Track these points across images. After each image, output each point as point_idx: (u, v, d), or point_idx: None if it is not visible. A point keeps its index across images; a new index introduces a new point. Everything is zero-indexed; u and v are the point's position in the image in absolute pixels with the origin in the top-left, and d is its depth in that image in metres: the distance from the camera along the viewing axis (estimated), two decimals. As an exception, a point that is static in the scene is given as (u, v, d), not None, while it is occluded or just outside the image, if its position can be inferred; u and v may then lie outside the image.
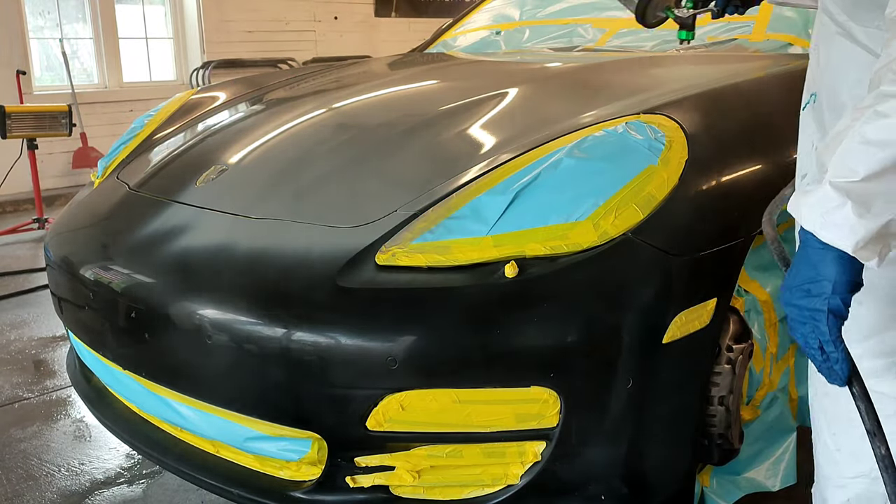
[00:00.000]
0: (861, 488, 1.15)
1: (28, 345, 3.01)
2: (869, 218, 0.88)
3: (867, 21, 1.05)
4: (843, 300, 0.93)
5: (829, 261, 0.92)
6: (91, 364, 1.88)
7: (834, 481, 1.23)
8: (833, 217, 0.89)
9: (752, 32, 2.24)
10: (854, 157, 0.89)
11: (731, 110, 1.69)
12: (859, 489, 1.16)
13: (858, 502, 1.18)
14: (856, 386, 0.97)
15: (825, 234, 0.91)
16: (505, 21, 2.94)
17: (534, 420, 1.34)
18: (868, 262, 0.91)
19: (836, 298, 0.92)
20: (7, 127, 4.50)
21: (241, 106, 2.37)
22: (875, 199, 0.88)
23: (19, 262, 4.19)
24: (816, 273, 0.93)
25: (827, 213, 0.90)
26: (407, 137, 1.78)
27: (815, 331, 0.94)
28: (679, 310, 1.36)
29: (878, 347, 1.12)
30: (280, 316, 1.37)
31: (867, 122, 0.89)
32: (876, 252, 0.90)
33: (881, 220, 0.88)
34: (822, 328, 0.93)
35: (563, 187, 1.40)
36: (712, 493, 1.66)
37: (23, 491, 2.00)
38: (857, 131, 0.90)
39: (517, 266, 1.32)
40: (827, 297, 0.93)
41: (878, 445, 0.97)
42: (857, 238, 0.89)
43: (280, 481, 1.51)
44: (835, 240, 0.90)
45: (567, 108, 1.76)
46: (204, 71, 6.97)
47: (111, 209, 1.91)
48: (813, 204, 0.92)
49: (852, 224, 0.88)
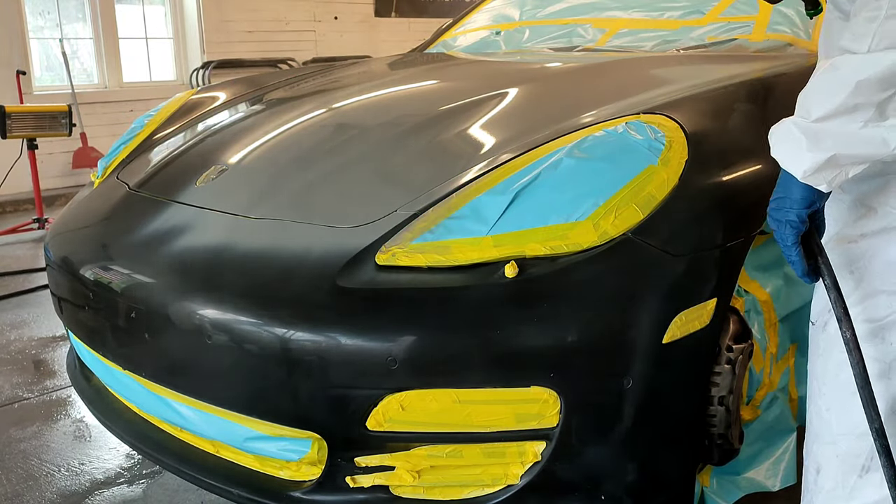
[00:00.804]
0: (849, 444, 1.26)
1: (28, 345, 3.01)
2: (816, 151, 1.07)
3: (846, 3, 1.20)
4: (798, 215, 1.14)
5: (792, 182, 1.12)
6: (91, 364, 1.88)
7: (823, 438, 1.31)
8: (790, 148, 1.11)
9: (752, 32, 2.24)
10: (811, 101, 1.09)
11: (731, 110, 1.68)
12: (847, 445, 1.26)
13: (847, 458, 1.27)
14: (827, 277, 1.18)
15: (784, 162, 1.12)
16: (505, 21, 2.94)
17: (534, 420, 1.34)
18: (818, 186, 1.10)
19: (793, 212, 1.14)
20: (7, 127, 4.50)
21: (241, 106, 2.37)
22: (823, 136, 1.07)
23: (19, 262, 4.19)
24: (785, 191, 1.15)
25: (787, 146, 1.11)
26: (407, 137, 1.78)
27: (781, 237, 1.18)
28: (679, 310, 1.36)
29: (865, 314, 1.24)
30: (280, 316, 1.37)
31: (824, 73, 1.08)
32: (824, 179, 1.09)
33: (826, 153, 1.07)
34: (782, 235, 1.17)
35: (563, 187, 1.40)
36: (712, 493, 1.66)
37: (23, 491, 2.00)
38: (816, 78, 1.10)
39: (517, 266, 1.32)
40: (786, 211, 1.15)
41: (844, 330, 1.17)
42: (804, 167, 1.08)
43: (280, 481, 1.51)
44: (790, 167, 1.11)
45: (567, 108, 1.76)
46: (204, 71, 6.97)
47: (111, 209, 1.91)
48: (779, 137, 1.13)
49: (803, 155, 1.08)
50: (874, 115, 1.05)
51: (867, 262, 1.23)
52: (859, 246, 1.24)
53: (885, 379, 1.24)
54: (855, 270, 1.25)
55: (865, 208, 1.23)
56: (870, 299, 1.24)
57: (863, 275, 1.24)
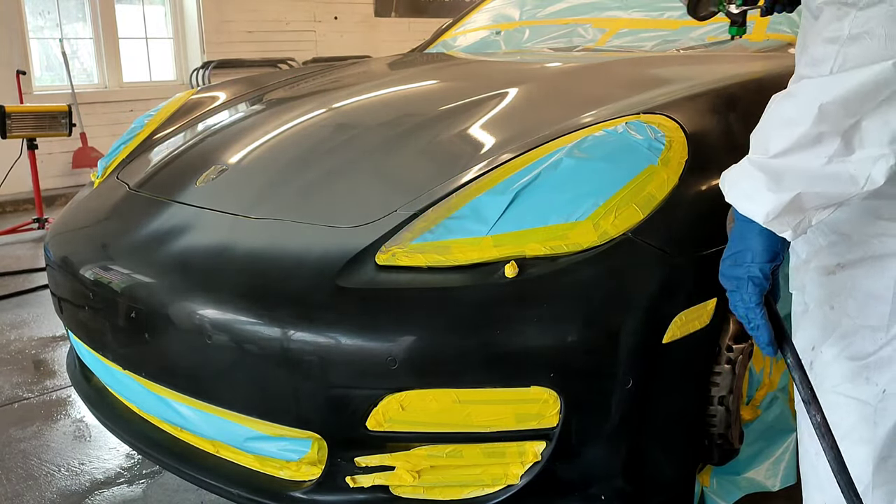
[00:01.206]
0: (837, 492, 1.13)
1: (28, 345, 3.01)
2: (778, 192, 0.94)
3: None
4: (762, 270, 0.99)
5: (752, 233, 0.99)
6: (91, 364, 1.88)
7: (813, 483, 1.24)
8: (748, 190, 0.98)
9: (751, 32, 2.24)
10: (767, 134, 0.97)
11: (731, 110, 1.68)
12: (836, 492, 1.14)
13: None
14: (789, 356, 1.04)
15: (742, 206, 0.99)
16: (505, 21, 2.94)
17: (534, 420, 1.34)
18: (782, 233, 0.96)
19: (755, 267, 1.00)
20: (7, 127, 4.50)
21: (241, 106, 2.37)
22: (785, 174, 0.94)
23: (19, 262, 4.19)
24: (742, 244, 1.01)
25: (743, 187, 0.99)
26: (407, 137, 1.78)
27: (741, 299, 1.02)
28: (679, 310, 1.36)
29: (848, 351, 1.13)
30: (280, 316, 1.37)
31: (781, 101, 0.97)
32: (789, 225, 0.96)
33: (790, 193, 0.94)
34: (744, 295, 1.01)
35: (563, 187, 1.40)
36: (712, 493, 1.66)
37: (23, 491, 2.00)
38: (773, 109, 0.98)
39: (517, 266, 1.32)
40: (748, 266, 1.00)
41: (813, 413, 1.03)
42: (766, 209, 0.95)
43: (280, 481, 1.51)
44: (749, 211, 0.97)
45: (567, 108, 1.76)
46: (204, 71, 6.97)
47: (111, 209, 1.91)
48: (734, 178, 1.01)
49: (763, 197, 0.95)
50: (840, 147, 0.92)
51: (847, 296, 1.13)
52: (838, 278, 1.13)
53: (871, 424, 1.14)
54: (836, 305, 1.15)
55: (838, 235, 1.12)
56: (852, 335, 1.14)
57: (844, 309, 1.13)
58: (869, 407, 1.14)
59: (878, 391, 1.13)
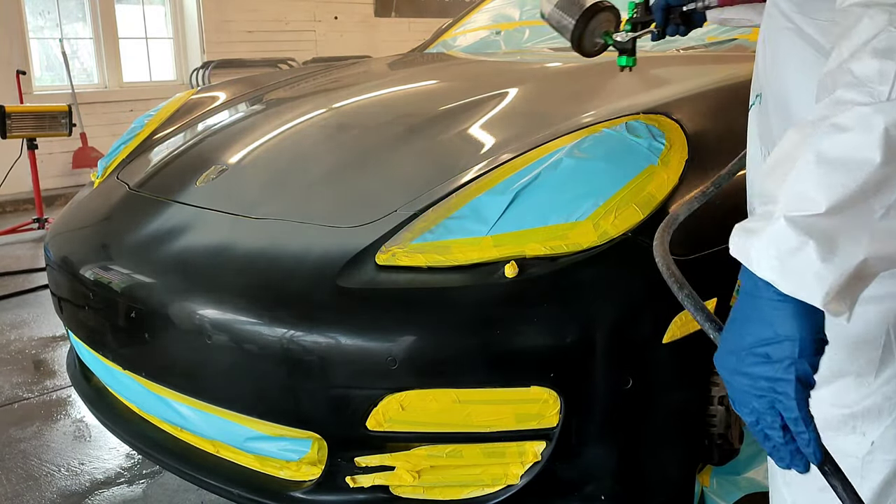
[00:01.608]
0: None
1: (28, 345, 3.01)
2: (836, 262, 0.68)
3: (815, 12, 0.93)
4: (812, 364, 0.72)
5: (788, 315, 0.71)
6: (91, 364, 1.88)
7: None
8: (793, 262, 0.69)
9: (752, 32, 2.24)
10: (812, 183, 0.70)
11: (731, 110, 1.68)
12: None
13: None
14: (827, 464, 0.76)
15: (786, 285, 0.70)
16: (505, 21, 2.94)
17: (534, 420, 1.34)
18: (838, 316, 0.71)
19: (804, 363, 0.72)
20: (7, 127, 4.50)
21: (241, 106, 2.37)
22: (841, 236, 0.69)
23: (19, 262, 4.19)
24: (774, 332, 0.72)
25: (785, 258, 0.70)
26: (407, 137, 1.78)
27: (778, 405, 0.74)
28: (679, 310, 1.36)
29: (835, 397, 0.98)
30: (280, 316, 1.37)
31: (824, 137, 0.71)
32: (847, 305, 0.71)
33: (853, 261, 0.69)
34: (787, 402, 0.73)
35: (563, 187, 1.40)
36: (712, 493, 1.66)
37: (23, 491, 2.00)
38: (811, 150, 0.71)
39: (517, 266, 1.32)
40: (793, 363, 0.72)
41: None
42: (826, 288, 0.68)
43: (280, 481, 1.51)
44: (798, 291, 0.70)
45: (567, 108, 1.76)
46: (204, 71, 6.97)
47: (111, 209, 1.91)
48: (765, 246, 0.71)
49: (817, 270, 0.68)
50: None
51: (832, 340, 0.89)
52: None
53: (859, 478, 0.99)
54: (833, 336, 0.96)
55: None
56: (839, 380, 0.99)
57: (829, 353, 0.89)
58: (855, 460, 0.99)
59: (866, 442, 0.98)
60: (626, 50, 1.61)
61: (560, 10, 1.66)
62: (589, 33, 1.62)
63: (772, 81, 1.03)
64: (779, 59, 1.00)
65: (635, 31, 1.60)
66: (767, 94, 1.07)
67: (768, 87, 1.06)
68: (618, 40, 1.61)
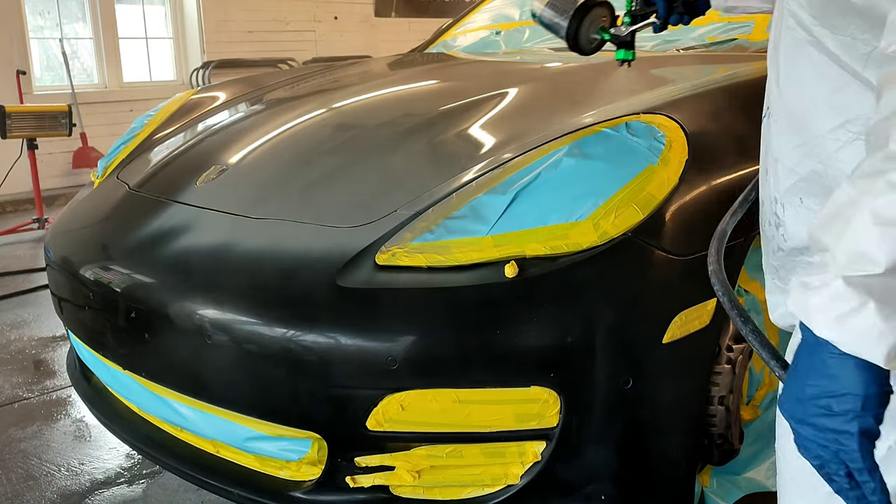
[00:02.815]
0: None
1: (28, 345, 3.01)
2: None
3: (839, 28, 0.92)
4: (876, 417, 0.73)
5: (851, 369, 0.72)
6: (91, 364, 1.88)
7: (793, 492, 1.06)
8: (853, 322, 0.71)
9: (752, 32, 2.24)
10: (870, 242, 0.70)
11: (731, 110, 1.68)
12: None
13: None
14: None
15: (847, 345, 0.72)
16: (505, 21, 2.94)
17: (534, 420, 1.34)
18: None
19: (868, 417, 0.73)
20: (7, 127, 4.50)
21: (241, 106, 2.37)
22: None
23: (19, 262, 4.19)
24: (837, 385, 0.74)
25: (845, 317, 0.71)
26: (407, 137, 1.78)
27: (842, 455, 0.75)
28: (679, 310, 1.36)
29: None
30: (280, 316, 1.37)
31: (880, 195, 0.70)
32: None
33: None
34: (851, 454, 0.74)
35: (563, 187, 1.40)
36: (712, 493, 1.66)
37: (23, 491, 2.00)
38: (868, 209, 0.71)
39: (517, 266, 1.32)
40: (856, 416, 0.73)
41: None
42: (888, 347, 0.70)
43: (280, 481, 1.51)
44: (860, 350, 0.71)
45: (567, 108, 1.76)
46: (204, 71, 6.97)
47: (111, 209, 1.91)
48: (825, 305, 0.72)
49: (881, 330, 0.70)
50: None
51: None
52: None
53: None
54: None
55: None
56: None
57: None
58: None
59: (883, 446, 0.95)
60: (626, 43, 1.58)
61: (552, 9, 1.63)
62: (584, 30, 1.59)
63: (785, 94, 1.02)
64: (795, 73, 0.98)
65: (635, 23, 1.57)
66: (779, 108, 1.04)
67: (779, 101, 1.04)
68: (615, 34, 1.58)
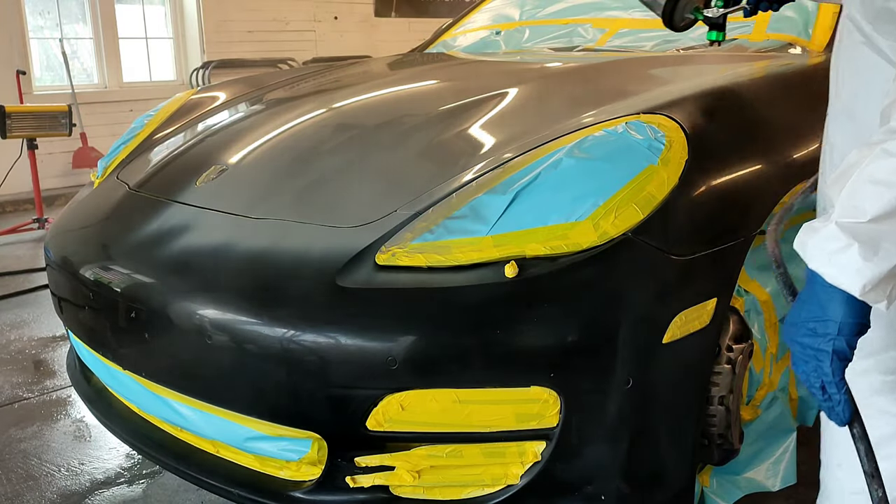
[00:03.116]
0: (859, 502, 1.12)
1: (28, 345, 3.01)
2: (876, 261, 0.86)
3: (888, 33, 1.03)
4: (849, 342, 0.91)
5: (836, 301, 0.89)
6: (91, 364, 1.89)
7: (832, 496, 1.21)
8: (839, 258, 0.87)
9: (752, 32, 2.24)
10: (861, 196, 0.87)
11: (731, 110, 1.68)
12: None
13: None
14: (856, 427, 0.96)
15: (832, 276, 0.88)
16: (505, 21, 2.94)
17: (534, 420, 1.34)
18: (876, 304, 0.88)
19: (842, 340, 0.91)
20: (7, 127, 4.50)
21: (241, 106, 2.37)
22: (883, 241, 0.86)
23: (19, 262, 4.19)
24: (823, 312, 0.91)
25: (833, 254, 0.88)
26: (407, 137, 1.78)
27: (818, 370, 0.93)
28: (679, 310, 1.36)
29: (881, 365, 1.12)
30: (280, 316, 1.37)
31: (875, 160, 0.87)
32: (885, 294, 0.87)
33: (889, 263, 0.86)
34: (825, 369, 0.92)
35: (563, 187, 1.40)
36: (712, 493, 1.66)
37: (23, 491, 2.00)
38: (865, 169, 0.88)
39: (517, 266, 1.32)
40: (832, 339, 0.91)
41: (875, 488, 0.98)
42: (863, 281, 0.86)
43: (280, 481, 1.51)
44: (841, 282, 0.88)
45: (567, 108, 1.76)
46: (204, 71, 6.97)
47: (111, 209, 1.91)
48: (819, 243, 0.90)
49: (858, 267, 0.86)
50: None
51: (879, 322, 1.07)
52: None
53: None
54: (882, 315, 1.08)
55: None
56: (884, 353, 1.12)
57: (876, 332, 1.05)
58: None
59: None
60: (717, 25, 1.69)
61: None
62: (680, 9, 1.70)
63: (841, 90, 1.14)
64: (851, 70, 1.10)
65: (727, 6, 1.65)
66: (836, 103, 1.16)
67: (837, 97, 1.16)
68: (708, 16, 1.67)
